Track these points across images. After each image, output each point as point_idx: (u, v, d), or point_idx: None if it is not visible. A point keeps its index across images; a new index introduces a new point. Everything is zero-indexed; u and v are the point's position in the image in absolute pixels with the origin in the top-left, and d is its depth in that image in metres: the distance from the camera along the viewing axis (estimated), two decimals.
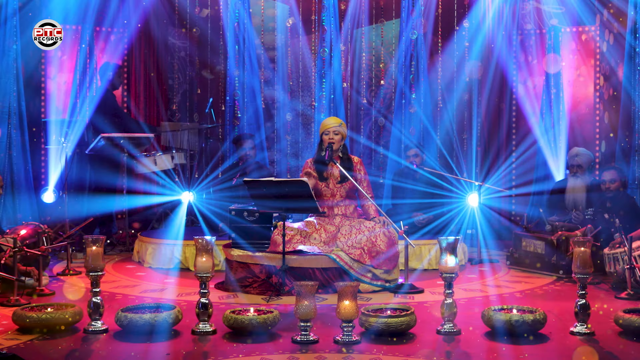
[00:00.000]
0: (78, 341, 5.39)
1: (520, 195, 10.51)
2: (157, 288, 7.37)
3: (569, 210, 8.64)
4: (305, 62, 11.01)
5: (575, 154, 8.82)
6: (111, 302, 6.63)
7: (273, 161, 10.97)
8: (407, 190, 9.15)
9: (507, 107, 10.93)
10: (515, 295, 7.01)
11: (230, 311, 5.59)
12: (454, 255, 5.54)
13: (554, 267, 7.98)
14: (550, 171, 10.23)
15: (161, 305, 5.79)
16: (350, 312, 5.24)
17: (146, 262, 8.56)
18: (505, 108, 10.95)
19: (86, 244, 5.67)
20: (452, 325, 5.53)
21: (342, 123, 7.57)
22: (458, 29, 10.82)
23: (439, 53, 10.93)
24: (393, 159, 10.68)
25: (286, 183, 6.99)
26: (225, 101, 11.09)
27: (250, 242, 7.40)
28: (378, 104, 11.15)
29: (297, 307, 5.27)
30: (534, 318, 5.41)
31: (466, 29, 10.74)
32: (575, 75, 10.49)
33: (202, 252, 5.58)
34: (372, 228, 7.28)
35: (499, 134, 11.01)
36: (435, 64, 10.99)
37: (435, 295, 7.01)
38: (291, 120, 10.98)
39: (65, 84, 10.39)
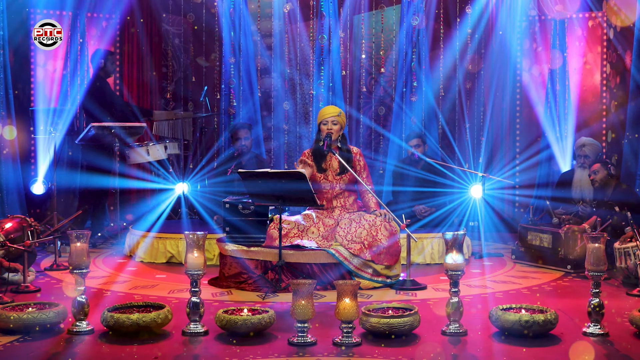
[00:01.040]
0: (61, 343, 5.08)
1: (525, 187, 10.22)
2: (148, 284, 7.05)
3: (575, 202, 8.33)
4: (303, 49, 10.68)
5: (582, 144, 8.51)
6: (99, 299, 6.32)
7: (270, 151, 10.66)
8: (408, 178, 8.83)
9: (511, 95, 10.62)
10: (522, 292, 6.70)
11: (222, 311, 5.27)
12: (461, 251, 5.22)
13: (561, 261, 7.68)
14: (556, 162, 9.93)
15: (150, 304, 5.47)
16: (351, 312, 4.93)
17: (138, 256, 8.25)
18: (509, 97, 10.64)
19: (70, 240, 5.34)
20: (458, 325, 5.22)
21: (341, 112, 7.24)
22: (461, 15, 10.48)
23: (441, 40, 10.61)
24: (394, 147, 10.39)
25: (282, 174, 6.64)
26: (221, 89, 10.77)
27: (245, 236, 7.08)
28: (378, 92, 10.83)
29: (294, 307, 4.95)
30: (545, 318, 5.10)
31: (469, 15, 10.41)
32: (581, 63, 10.16)
33: (193, 247, 5.26)
34: (373, 221, 6.96)
35: (502, 123, 10.71)
36: (437, 51, 10.66)
37: (438, 292, 6.70)
38: (289, 110, 10.66)
39: (55, 71, 10.07)
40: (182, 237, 8.03)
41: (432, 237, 8.19)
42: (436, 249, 8.17)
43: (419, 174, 8.82)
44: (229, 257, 6.98)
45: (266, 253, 6.82)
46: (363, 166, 7.29)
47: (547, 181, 10.12)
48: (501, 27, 10.46)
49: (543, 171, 10.28)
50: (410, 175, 8.86)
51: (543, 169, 10.27)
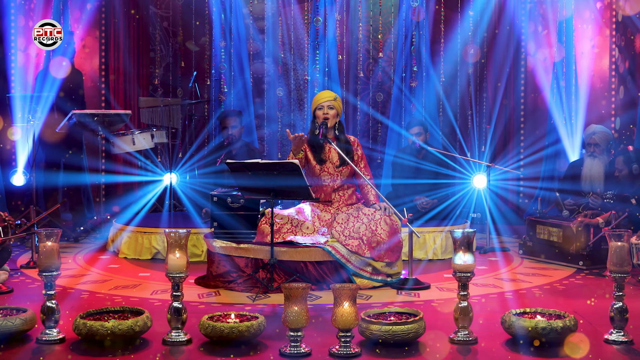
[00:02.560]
0: (28, 353, 4.56)
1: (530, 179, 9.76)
2: (130, 284, 6.54)
3: (585, 193, 7.83)
4: (297, 32, 10.18)
5: (592, 132, 7.99)
6: (75, 301, 5.82)
7: (262, 140, 10.16)
8: (409, 169, 8.33)
9: (516, 81, 10.14)
10: (533, 292, 6.20)
11: (207, 317, 4.76)
12: (470, 251, 4.72)
13: (573, 257, 7.20)
14: (564, 151, 9.44)
15: (128, 309, 4.96)
16: (349, 319, 4.42)
17: (121, 252, 7.75)
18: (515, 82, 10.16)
19: (39, 239, 4.83)
20: (467, 332, 4.72)
21: (336, 97, 6.72)
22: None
23: (442, 22, 10.11)
24: (394, 135, 9.91)
25: (274, 165, 6.08)
26: (211, 75, 10.27)
27: (234, 232, 6.56)
28: (377, 77, 10.32)
29: (286, 314, 4.45)
30: (564, 324, 4.59)
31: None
32: (589, 47, 9.67)
33: (175, 247, 4.74)
34: (372, 215, 6.46)
35: (506, 110, 10.25)
36: (438, 34, 10.16)
37: (443, 292, 6.21)
38: (282, 96, 10.15)
39: (36, 56, 9.56)
40: (170, 231, 7.56)
41: (435, 231, 7.72)
42: (439, 244, 7.68)
43: (421, 165, 8.31)
44: (217, 255, 6.46)
45: (257, 250, 6.31)
46: (361, 156, 6.78)
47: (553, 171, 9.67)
48: (506, 8, 9.97)
49: (549, 162, 9.82)
50: (411, 165, 8.36)
51: (549, 159, 9.82)
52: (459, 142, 10.11)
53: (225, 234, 6.56)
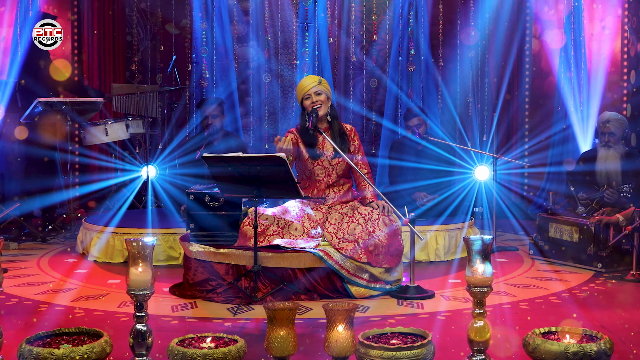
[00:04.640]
0: None
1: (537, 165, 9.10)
2: (97, 293, 5.80)
3: (599, 187, 7.13)
4: (285, 13, 9.43)
5: (606, 120, 7.26)
6: (30, 316, 5.08)
7: (247, 129, 9.43)
8: (407, 170, 7.61)
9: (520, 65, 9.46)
10: (551, 301, 5.49)
11: (177, 341, 4.02)
12: (488, 260, 3.99)
13: (590, 259, 6.51)
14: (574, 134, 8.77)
15: (85, 331, 4.21)
16: (344, 345, 3.70)
17: (90, 255, 7.01)
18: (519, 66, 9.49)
19: None
20: (484, 357, 4.00)
21: (321, 79, 5.92)
22: None
23: (440, 3, 9.39)
24: (389, 128, 9.20)
25: (257, 159, 5.32)
26: (192, 60, 9.52)
27: (213, 234, 5.74)
28: (370, 62, 9.60)
29: (270, 339, 3.72)
30: (598, 349, 3.88)
31: None
32: (599, 28, 8.97)
33: (137, 259, 3.98)
34: (369, 215, 5.72)
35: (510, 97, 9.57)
36: (437, 16, 9.44)
37: (450, 301, 5.50)
38: (269, 82, 9.42)
39: (4, 40, 8.83)
40: (143, 232, 6.84)
41: (436, 229, 7.01)
42: (441, 243, 6.99)
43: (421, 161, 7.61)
44: (194, 260, 5.71)
45: (239, 256, 5.56)
46: (358, 147, 6.04)
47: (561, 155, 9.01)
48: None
49: (557, 147, 9.15)
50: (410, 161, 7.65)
51: (556, 145, 9.15)
52: (458, 132, 9.42)
53: (203, 236, 5.78)
